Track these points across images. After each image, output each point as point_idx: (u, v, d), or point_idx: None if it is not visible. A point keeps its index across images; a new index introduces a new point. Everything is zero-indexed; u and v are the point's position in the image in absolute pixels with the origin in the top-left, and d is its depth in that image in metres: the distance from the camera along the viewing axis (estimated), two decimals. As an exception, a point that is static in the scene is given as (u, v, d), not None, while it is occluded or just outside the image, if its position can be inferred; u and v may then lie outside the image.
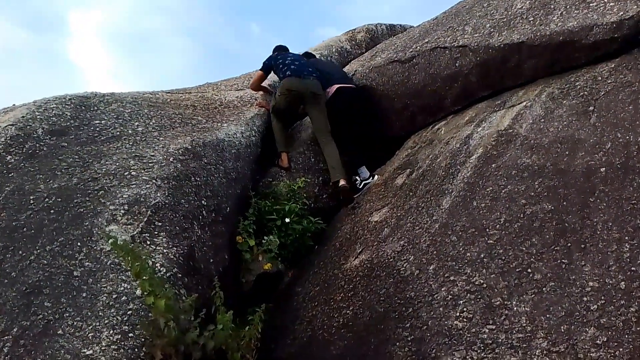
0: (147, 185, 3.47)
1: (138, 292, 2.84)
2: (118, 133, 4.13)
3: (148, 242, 3.18)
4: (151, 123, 4.40)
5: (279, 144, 5.11)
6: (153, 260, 3.05)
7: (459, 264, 2.97)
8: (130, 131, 4.18)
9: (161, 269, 3.04)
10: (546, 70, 4.11)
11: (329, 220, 4.80)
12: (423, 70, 4.90)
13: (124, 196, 3.37)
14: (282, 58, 5.24)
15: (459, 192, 3.47)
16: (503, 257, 2.86)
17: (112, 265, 2.98)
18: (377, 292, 3.20)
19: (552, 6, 4.19)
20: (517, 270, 2.76)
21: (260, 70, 5.35)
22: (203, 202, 3.73)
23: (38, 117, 4.06)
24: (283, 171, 5.09)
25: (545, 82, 4.04)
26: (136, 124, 4.33)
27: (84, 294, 2.85)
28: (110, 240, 2.56)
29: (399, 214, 3.83)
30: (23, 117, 3.99)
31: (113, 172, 3.57)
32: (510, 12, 4.52)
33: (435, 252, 3.16)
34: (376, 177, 4.84)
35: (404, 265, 3.23)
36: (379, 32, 8.21)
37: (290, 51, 5.64)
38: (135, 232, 3.18)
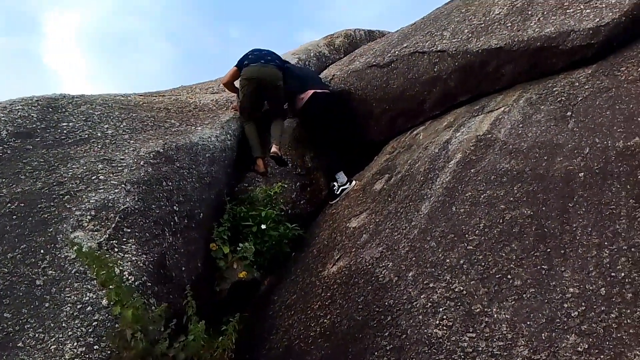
0: (116, 190, 3.33)
1: (104, 302, 2.70)
2: (86, 136, 3.97)
3: (116, 249, 3.03)
4: (122, 126, 4.25)
5: (254, 149, 4.99)
6: (121, 268, 2.91)
7: (439, 270, 2.91)
8: (99, 134, 4.02)
9: (129, 277, 2.90)
10: (524, 76, 4.11)
11: (307, 227, 4.70)
12: (402, 75, 4.86)
13: (91, 201, 3.22)
14: (249, 53, 5.16)
15: (438, 197, 3.42)
16: (483, 263, 2.80)
17: (77, 274, 2.83)
18: (355, 300, 3.11)
19: (529, 12, 4.20)
20: (497, 276, 2.71)
21: (235, 66, 5.21)
22: (175, 207, 3.60)
23: (2, 118, 3.88)
24: (259, 176, 4.98)
25: (523, 88, 4.03)
26: (106, 126, 4.17)
27: (47, 304, 2.69)
28: (75, 247, 2.42)
29: (377, 220, 3.75)
30: (-15, 118, 3.81)
31: (80, 176, 3.41)
32: (488, 18, 4.52)
33: (414, 258, 3.09)
34: (354, 182, 4.79)
35: (383, 272, 3.16)
36: (357, 38, 8.19)
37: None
38: (102, 239, 3.03)
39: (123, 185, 3.37)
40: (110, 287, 2.48)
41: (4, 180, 3.33)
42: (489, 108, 4.09)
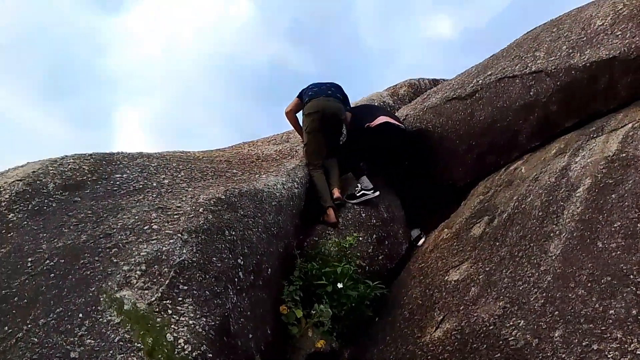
0: (171, 241, 2.78)
1: (154, 378, 2.07)
2: (141, 186, 3.53)
3: (170, 311, 2.43)
4: (179, 175, 3.81)
5: (323, 198, 4.41)
6: (175, 334, 2.29)
7: (600, 325, 2.09)
8: (154, 184, 3.58)
9: (185, 346, 2.26)
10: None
11: (389, 285, 3.96)
12: (489, 104, 4.23)
13: (142, 254, 2.68)
14: (311, 86, 4.77)
15: (572, 233, 2.64)
16: (667, 315, 1.98)
17: (122, 343, 2.23)
18: (479, 372, 2.31)
19: (644, 15, 3.54)
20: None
21: (297, 97, 4.82)
22: (239, 261, 3.00)
23: (51, 171, 3.51)
24: (330, 228, 4.35)
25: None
26: (162, 176, 3.74)
27: (81, 384, 2.09)
28: (115, 305, 1.84)
29: (487, 269, 2.99)
30: (34, 172, 3.45)
31: (130, 226, 2.91)
32: (590, 31, 3.88)
33: (557, 312, 2.29)
34: (423, 239, 4.39)
35: (513, 333, 2.36)
36: (422, 87, 7.70)
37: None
38: (153, 298, 2.45)
39: (179, 235, 2.83)
40: (159, 357, 1.85)
41: (45, 235, 2.88)
42: (610, 127, 3.35)
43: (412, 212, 4.79)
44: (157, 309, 2.41)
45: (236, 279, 2.89)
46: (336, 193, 4.42)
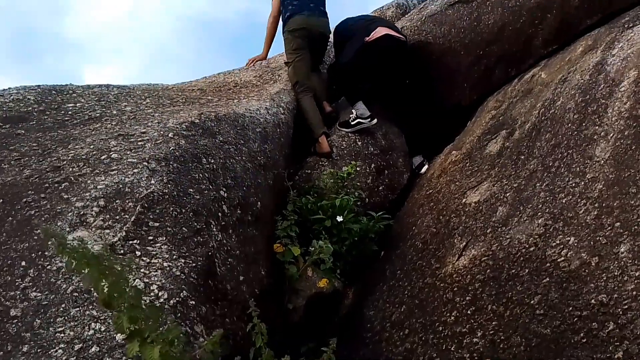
0: (135, 170, 2.26)
1: (119, 336, 1.60)
2: (98, 115, 2.95)
3: (138, 252, 1.94)
4: (144, 102, 3.24)
5: (314, 125, 3.89)
6: (146, 279, 1.82)
7: (681, 236, 1.67)
8: (114, 112, 3.01)
9: (160, 293, 1.79)
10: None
11: (393, 217, 3.53)
12: (499, 5, 3.67)
13: (99, 187, 2.16)
14: None
15: (622, 131, 2.19)
16: None
17: (77, 294, 1.75)
18: (525, 302, 1.89)
19: None
20: None
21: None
22: (222, 192, 2.50)
23: (-11, 104, 2.93)
24: (323, 159, 3.86)
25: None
26: (124, 104, 3.16)
27: (26, 347, 1.61)
28: (57, 242, 1.34)
29: (514, 185, 2.54)
30: (-33, 104, 2.86)
31: (84, 157, 2.37)
32: None
33: (617, 224, 1.86)
34: (426, 166, 4.00)
35: (562, 252, 1.93)
36: (411, 7, 7.04)
37: None
38: (117, 239, 1.95)
39: (145, 164, 2.30)
40: (122, 306, 1.37)
41: (-21, 173, 2.33)
42: (648, 16, 2.84)
43: (412, 138, 4.31)
44: (122, 251, 1.93)
45: (220, 214, 2.40)
46: (327, 107, 3.97)
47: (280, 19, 4.20)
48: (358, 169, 3.80)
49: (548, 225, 2.09)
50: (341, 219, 3.21)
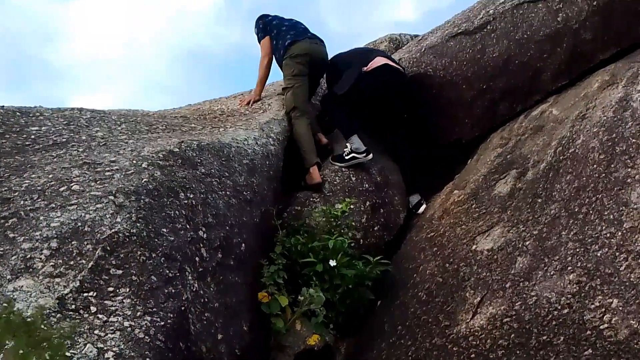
0: (99, 205, 1.92)
1: None
2: (64, 140, 2.62)
3: (94, 308, 1.58)
4: (118, 128, 2.91)
5: (307, 152, 3.58)
6: (100, 344, 1.45)
7: None
8: (83, 137, 2.67)
9: (116, 362, 1.43)
10: None
11: (391, 261, 3.21)
12: (504, 37, 3.47)
13: (53, 225, 1.81)
14: (277, 19, 3.98)
15: (662, 175, 1.92)
16: None
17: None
18: (564, 378, 1.57)
19: None
20: None
21: (264, 37, 3.95)
22: (201, 233, 2.16)
23: (-61, 124, 2.57)
24: (315, 195, 3.54)
25: None
26: (95, 129, 2.83)
27: None
28: (3, 305, 0.99)
29: (535, 233, 2.25)
30: None
31: (40, 188, 2.02)
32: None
33: (672, 285, 1.56)
34: (424, 205, 3.72)
35: (605, 318, 1.62)
36: (404, 42, 6.92)
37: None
38: (68, 290, 1.59)
39: (111, 198, 1.96)
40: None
41: None
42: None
43: (409, 175, 4.03)
44: (74, 306, 1.56)
45: (197, 258, 2.05)
46: (323, 139, 3.80)
47: (273, 50, 3.99)
48: (352, 206, 3.48)
49: (582, 282, 1.79)
50: (334, 264, 2.88)
